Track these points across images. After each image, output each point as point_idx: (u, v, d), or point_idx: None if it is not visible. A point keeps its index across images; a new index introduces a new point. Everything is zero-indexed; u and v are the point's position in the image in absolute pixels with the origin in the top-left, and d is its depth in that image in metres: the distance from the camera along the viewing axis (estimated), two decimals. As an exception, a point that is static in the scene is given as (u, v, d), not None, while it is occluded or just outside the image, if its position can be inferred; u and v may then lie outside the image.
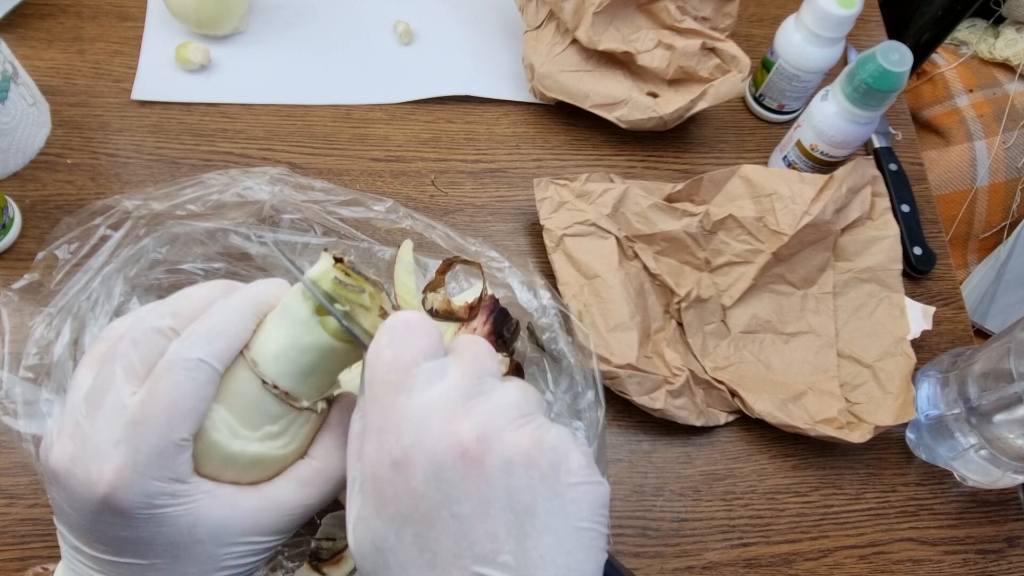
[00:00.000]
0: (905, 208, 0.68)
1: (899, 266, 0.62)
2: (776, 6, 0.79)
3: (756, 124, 0.72)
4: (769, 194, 0.60)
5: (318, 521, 0.48)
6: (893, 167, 0.70)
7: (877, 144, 0.72)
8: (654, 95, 0.66)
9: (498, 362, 0.32)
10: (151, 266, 0.51)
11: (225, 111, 0.65)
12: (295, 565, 0.47)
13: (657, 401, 0.54)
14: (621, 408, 0.57)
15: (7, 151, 0.59)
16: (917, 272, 0.66)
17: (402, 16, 0.71)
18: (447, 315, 0.42)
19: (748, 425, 0.58)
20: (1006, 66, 0.97)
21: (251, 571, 0.33)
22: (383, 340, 0.30)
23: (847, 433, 0.55)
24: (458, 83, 0.69)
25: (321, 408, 0.34)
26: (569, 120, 0.69)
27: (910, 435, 0.60)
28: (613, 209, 0.59)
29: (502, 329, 0.45)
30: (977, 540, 0.58)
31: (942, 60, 0.98)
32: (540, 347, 0.53)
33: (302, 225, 0.53)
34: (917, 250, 0.66)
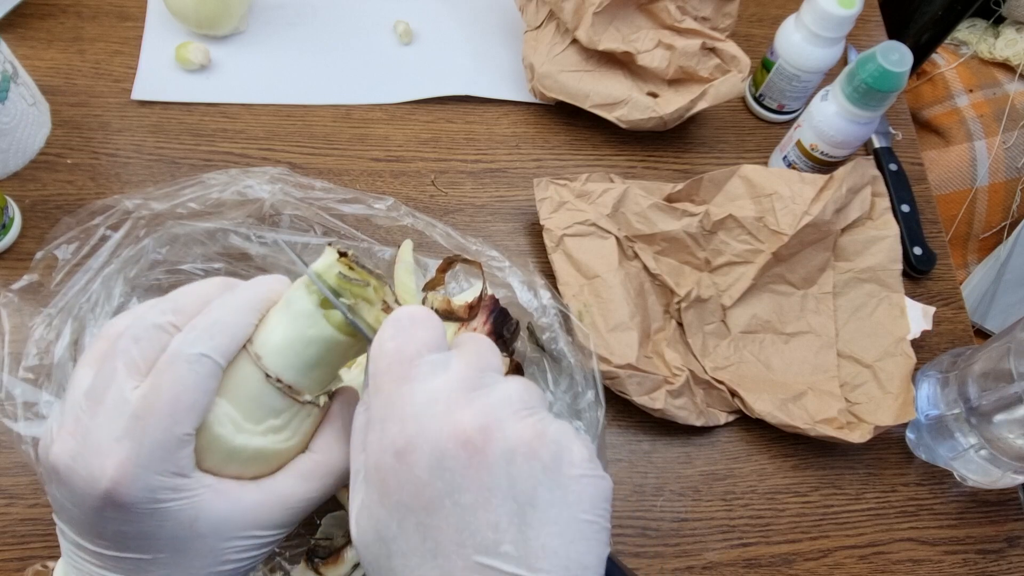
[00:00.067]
0: (905, 208, 0.68)
1: (899, 266, 0.62)
2: (776, 6, 0.79)
3: (756, 124, 0.72)
4: (769, 194, 0.60)
5: (318, 521, 0.48)
6: (893, 167, 0.70)
7: (877, 144, 0.72)
8: (654, 95, 0.66)
9: (501, 358, 0.32)
10: (151, 266, 0.51)
11: (225, 111, 0.65)
12: (294, 566, 0.47)
13: (657, 401, 0.54)
14: (621, 408, 0.57)
15: (7, 151, 0.59)
16: (917, 272, 0.66)
17: (402, 16, 0.71)
18: (447, 315, 0.42)
19: (748, 425, 0.58)
20: (1006, 66, 0.97)
21: (253, 565, 0.33)
22: (387, 332, 0.31)
23: (847, 433, 0.55)
24: (458, 83, 0.69)
25: (323, 402, 0.34)
26: (569, 120, 0.69)
27: (910, 435, 0.60)
28: (613, 209, 0.59)
29: (502, 329, 0.45)
30: (977, 540, 0.58)
31: (942, 60, 0.98)
32: (540, 347, 0.53)
33: (302, 224, 0.53)
34: (917, 250, 0.66)
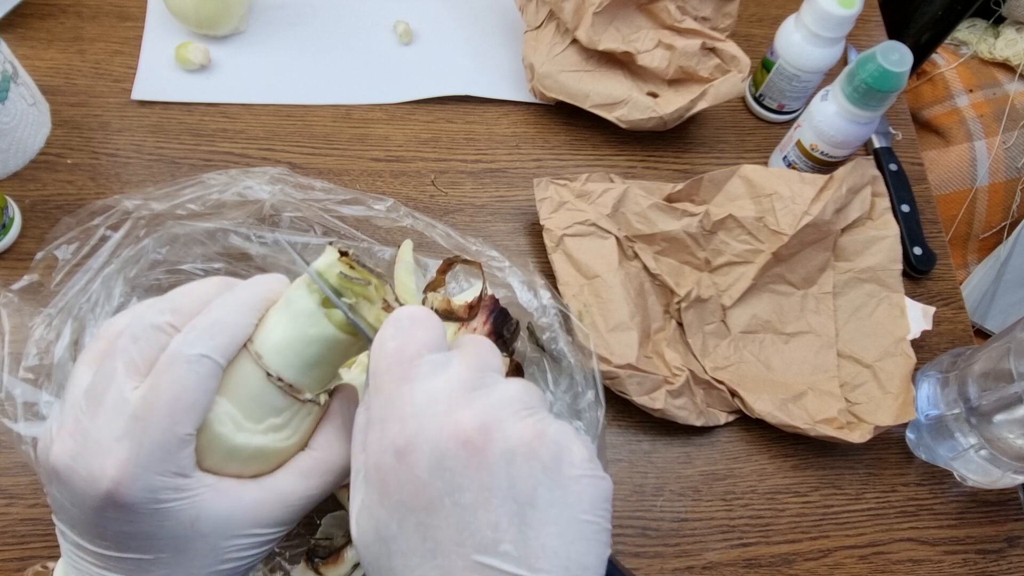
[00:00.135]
0: (905, 208, 0.68)
1: (899, 266, 0.62)
2: (776, 6, 0.78)
3: (756, 124, 0.72)
4: (769, 194, 0.60)
5: (318, 521, 0.48)
6: (893, 167, 0.70)
7: (877, 144, 0.72)
8: (654, 95, 0.66)
9: (501, 358, 0.32)
10: (151, 266, 0.51)
11: (225, 111, 0.65)
12: (294, 566, 0.47)
13: (657, 401, 0.54)
14: (621, 408, 0.57)
15: (7, 151, 0.59)
16: (917, 272, 0.66)
17: (402, 16, 0.71)
18: (447, 315, 0.42)
19: (748, 425, 0.58)
20: (1006, 66, 0.97)
21: (253, 563, 0.33)
22: (388, 332, 0.31)
23: (847, 433, 0.55)
24: (458, 83, 0.69)
25: (324, 400, 0.35)
26: (569, 120, 0.69)
27: (910, 435, 0.60)
28: (613, 209, 0.59)
29: (502, 329, 0.45)
30: (977, 540, 0.58)
31: (942, 60, 0.98)
32: (540, 347, 0.53)
33: (302, 224, 0.53)
34: (917, 250, 0.66)
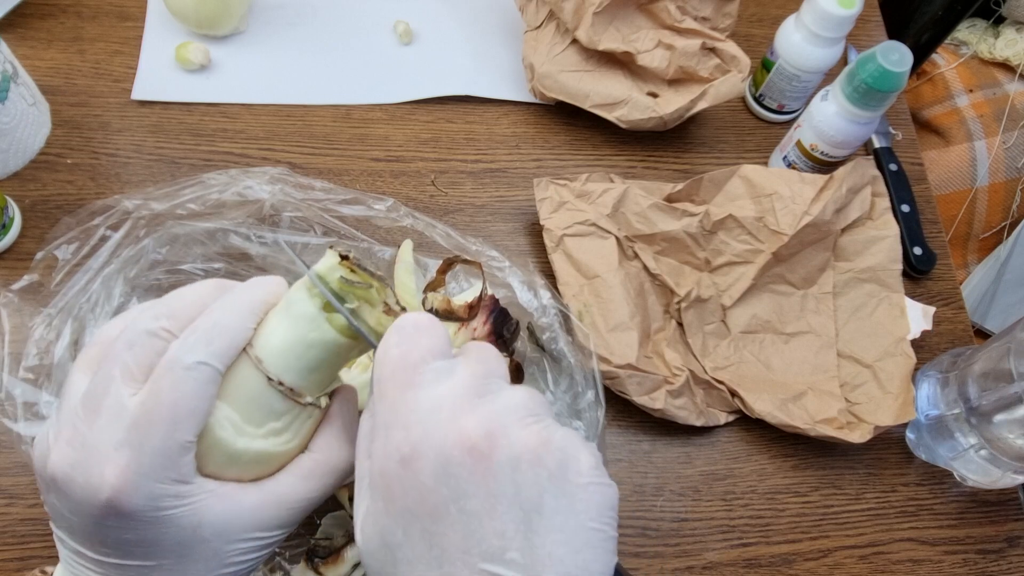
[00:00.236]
0: (905, 208, 0.68)
1: (899, 266, 0.62)
2: (776, 6, 0.78)
3: (756, 124, 0.72)
4: (769, 194, 0.60)
5: (318, 521, 0.48)
6: (893, 167, 0.70)
7: (877, 144, 0.72)
8: (654, 95, 0.66)
9: (505, 366, 0.32)
10: (151, 267, 0.51)
11: (225, 111, 0.65)
12: (294, 566, 0.47)
13: (657, 401, 0.54)
14: (621, 408, 0.57)
15: (7, 151, 0.59)
16: (917, 272, 0.66)
17: (402, 16, 0.71)
18: (447, 315, 0.42)
19: (748, 425, 0.58)
20: (1006, 66, 0.97)
21: (255, 565, 0.33)
22: (392, 339, 0.31)
23: (847, 433, 0.55)
24: (458, 83, 0.69)
25: (324, 403, 0.34)
26: (569, 120, 0.69)
27: (910, 435, 0.60)
28: (613, 209, 0.59)
29: (502, 329, 0.45)
30: (977, 540, 0.58)
31: (942, 60, 0.98)
32: (540, 347, 0.53)
33: (302, 225, 0.53)
34: (917, 250, 0.66)
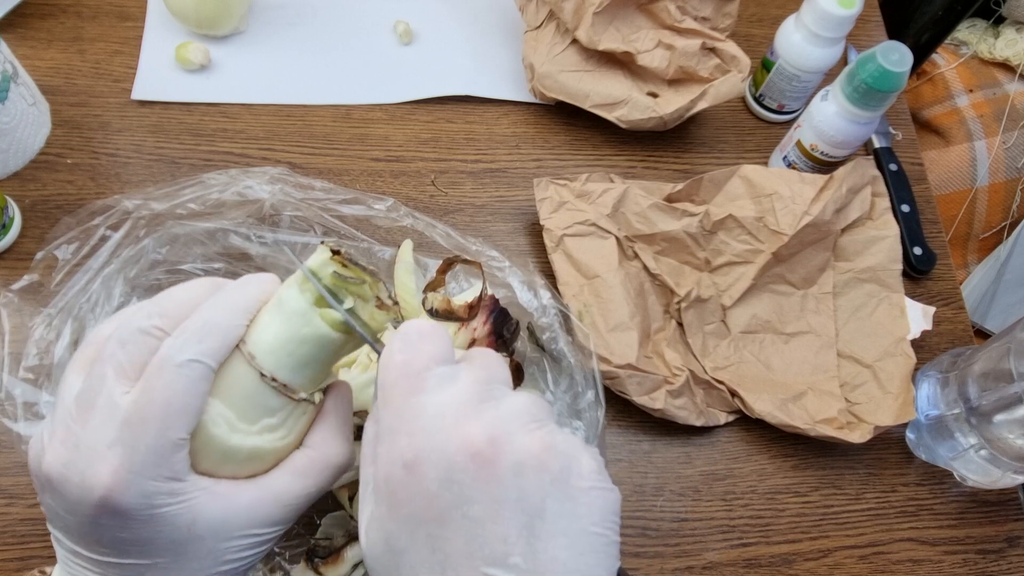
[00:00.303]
0: (905, 208, 0.68)
1: (899, 266, 0.62)
2: (776, 6, 0.78)
3: (756, 124, 0.72)
4: (769, 194, 0.60)
5: (317, 521, 0.48)
6: (893, 167, 0.70)
7: (877, 144, 0.72)
8: (654, 95, 0.66)
9: (509, 371, 0.32)
10: (151, 267, 0.51)
11: (225, 111, 0.65)
12: (294, 566, 0.47)
13: (657, 401, 0.54)
14: (621, 408, 0.57)
15: (7, 151, 0.59)
16: (917, 272, 0.66)
17: (402, 16, 0.71)
18: (447, 315, 0.42)
19: (748, 425, 0.58)
20: (1006, 66, 0.97)
21: (252, 563, 0.33)
22: (396, 345, 0.31)
23: (847, 433, 0.55)
24: (458, 83, 0.69)
25: (318, 399, 0.34)
26: (569, 120, 0.69)
27: (910, 435, 0.60)
28: (613, 209, 0.59)
29: (502, 329, 0.45)
30: (977, 540, 0.58)
31: (942, 60, 0.98)
32: (540, 347, 0.53)
33: (302, 224, 0.53)
34: (917, 250, 0.66)
